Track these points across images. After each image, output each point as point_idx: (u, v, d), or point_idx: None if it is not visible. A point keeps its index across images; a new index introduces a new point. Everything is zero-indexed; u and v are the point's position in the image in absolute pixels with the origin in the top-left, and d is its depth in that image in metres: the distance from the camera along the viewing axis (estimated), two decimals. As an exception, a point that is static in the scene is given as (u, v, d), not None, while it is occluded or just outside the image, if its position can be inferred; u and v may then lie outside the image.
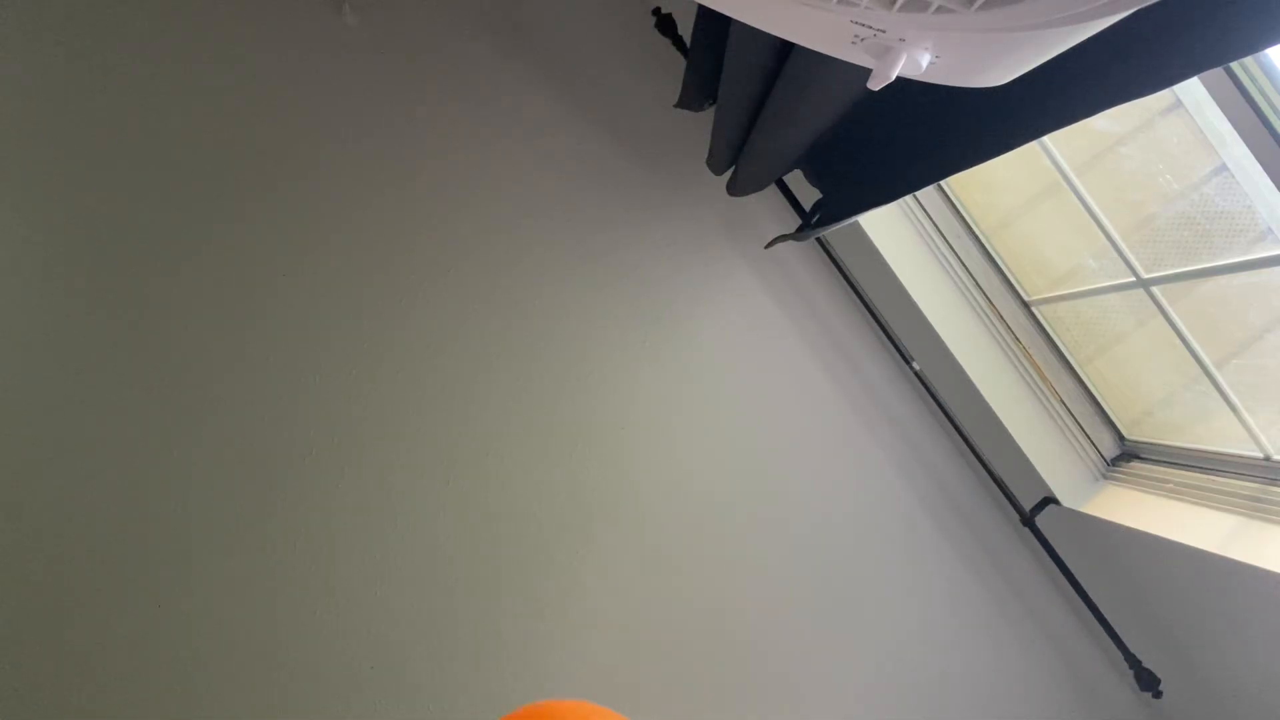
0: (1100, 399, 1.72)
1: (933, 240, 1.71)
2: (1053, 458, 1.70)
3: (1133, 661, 1.62)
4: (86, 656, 1.44)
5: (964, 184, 1.69)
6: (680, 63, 1.55)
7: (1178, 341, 1.45)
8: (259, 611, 1.50)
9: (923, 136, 1.09)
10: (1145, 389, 1.65)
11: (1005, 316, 1.72)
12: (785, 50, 1.02)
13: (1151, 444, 1.66)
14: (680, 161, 1.72)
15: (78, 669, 1.43)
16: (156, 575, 1.47)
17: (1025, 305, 1.73)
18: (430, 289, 1.61)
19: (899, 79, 0.50)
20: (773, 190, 1.63)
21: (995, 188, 1.68)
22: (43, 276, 1.46)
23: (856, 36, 0.48)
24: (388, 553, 1.56)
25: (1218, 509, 1.40)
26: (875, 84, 0.50)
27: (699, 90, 1.44)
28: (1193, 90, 1.20)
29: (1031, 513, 1.66)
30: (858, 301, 1.68)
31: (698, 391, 1.71)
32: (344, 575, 1.54)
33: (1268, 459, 1.38)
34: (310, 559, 1.52)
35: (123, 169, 1.49)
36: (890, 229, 1.68)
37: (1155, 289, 1.45)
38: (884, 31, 0.47)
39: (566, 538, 1.63)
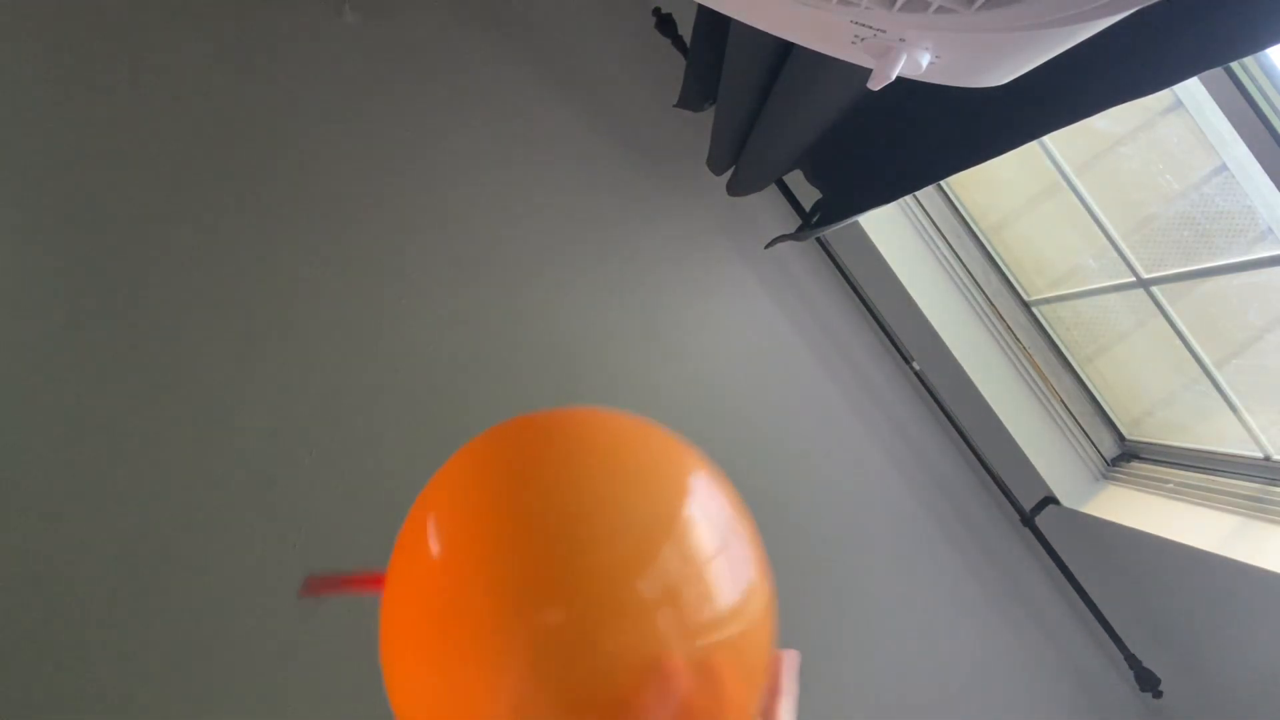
0: (1100, 399, 1.72)
1: (933, 240, 1.71)
2: (1053, 458, 1.70)
3: (1133, 661, 1.62)
4: (86, 656, 1.44)
5: (964, 184, 1.69)
6: (680, 63, 1.55)
7: (1178, 341, 1.45)
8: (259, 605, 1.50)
9: (923, 137, 1.09)
10: (1145, 389, 1.65)
11: (1005, 316, 1.72)
12: (785, 50, 1.02)
13: (1151, 444, 1.66)
14: (680, 161, 1.72)
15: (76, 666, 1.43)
16: (159, 575, 1.47)
17: (1025, 305, 1.73)
18: (427, 288, 1.61)
19: (899, 79, 0.50)
20: (773, 190, 1.63)
21: (995, 188, 1.68)
22: (37, 276, 1.46)
23: (856, 36, 0.48)
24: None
25: (1218, 509, 1.40)
26: (875, 84, 0.50)
27: (699, 90, 1.44)
28: (1193, 90, 1.20)
29: (1031, 513, 1.66)
30: (858, 301, 1.68)
31: (696, 391, 1.71)
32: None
33: (1268, 459, 1.38)
34: (312, 559, 1.52)
35: (119, 170, 1.49)
36: (890, 229, 1.68)
37: (1155, 289, 1.45)
38: (884, 31, 0.47)
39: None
